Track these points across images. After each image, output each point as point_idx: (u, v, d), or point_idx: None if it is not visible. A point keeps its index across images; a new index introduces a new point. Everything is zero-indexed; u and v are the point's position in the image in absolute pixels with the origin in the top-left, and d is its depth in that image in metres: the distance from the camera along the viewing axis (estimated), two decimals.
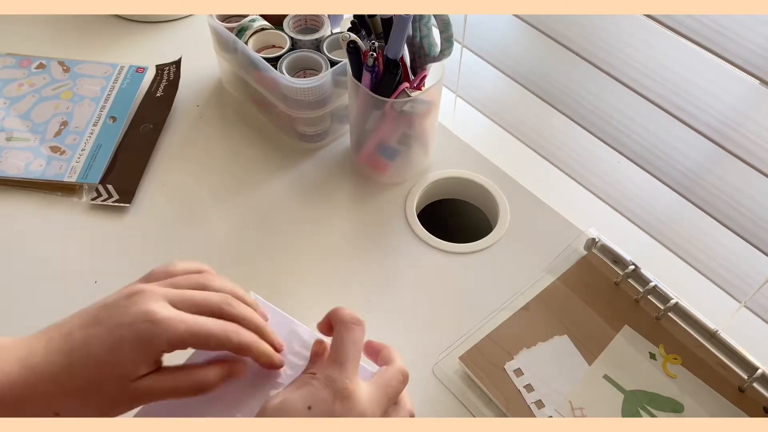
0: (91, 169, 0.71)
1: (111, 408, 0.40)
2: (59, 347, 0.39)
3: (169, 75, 0.80)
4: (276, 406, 0.39)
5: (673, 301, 0.59)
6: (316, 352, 0.45)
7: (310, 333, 0.47)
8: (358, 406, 0.39)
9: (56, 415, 0.38)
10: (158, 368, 0.40)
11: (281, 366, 0.44)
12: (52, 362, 0.38)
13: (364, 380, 0.41)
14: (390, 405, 0.42)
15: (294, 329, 0.47)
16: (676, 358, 0.58)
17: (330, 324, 0.44)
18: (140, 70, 0.81)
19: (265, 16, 0.74)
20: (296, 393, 0.40)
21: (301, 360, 0.46)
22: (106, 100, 0.78)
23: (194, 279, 0.43)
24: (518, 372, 0.57)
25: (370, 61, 0.61)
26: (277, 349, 0.44)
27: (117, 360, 0.38)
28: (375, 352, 0.46)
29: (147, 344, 0.38)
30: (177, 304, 0.41)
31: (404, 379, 0.43)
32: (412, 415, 0.43)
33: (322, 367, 0.41)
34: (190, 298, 0.41)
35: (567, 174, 0.72)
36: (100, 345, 0.38)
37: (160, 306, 0.39)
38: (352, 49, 0.62)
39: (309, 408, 0.38)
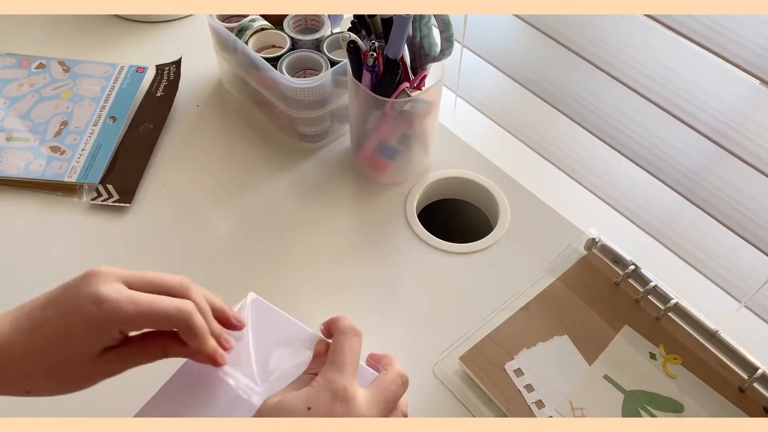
0: (91, 169, 0.71)
1: (78, 384, 0.41)
2: (22, 327, 0.40)
3: (169, 75, 0.80)
4: (274, 405, 0.39)
5: (673, 301, 0.59)
6: (318, 353, 0.45)
7: (312, 335, 0.47)
8: (356, 408, 0.39)
9: (27, 393, 0.40)
10: (124, 340, 0.41)
11: (223, 364, 0.44)
12: (16, 341, 0.39)
13: (362, 385, 0.41)
14: (389, 408, 0.42)
15: (294, 331, 0.47)
16: (676, 358, 0.58)
17: (329, 332, 0.44)
18: (140, 70, 0.81)
19: (265, 16, 0.74)
20: (296, 393, 0.40)
21: (301, 361, 0.46)
22: (106, 100, 0.78)
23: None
24: (518, 372, 0.57)
25: (370, 61, 0.61)
26: (226, 349, 0.44)
27: (72, 342, 0.39)
28: (376, 361, 0.46)
29: (97, 327, 0.39)
30: (132, 284, 0.41)
31: (403, 383, 0.43)
32: (405, 417, 0.44)
33: (323, 369, 0.41)
34: (147, 277, 0.42)
35: (567, 174, 0.72)
36: (55, 328, 0.39)
37: (110, 288, 0.40)
38: (352, 49, 0.62)
39: (309, 409, 0.38)
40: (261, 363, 0.46)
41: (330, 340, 0.44)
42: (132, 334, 0.42)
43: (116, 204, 0.69)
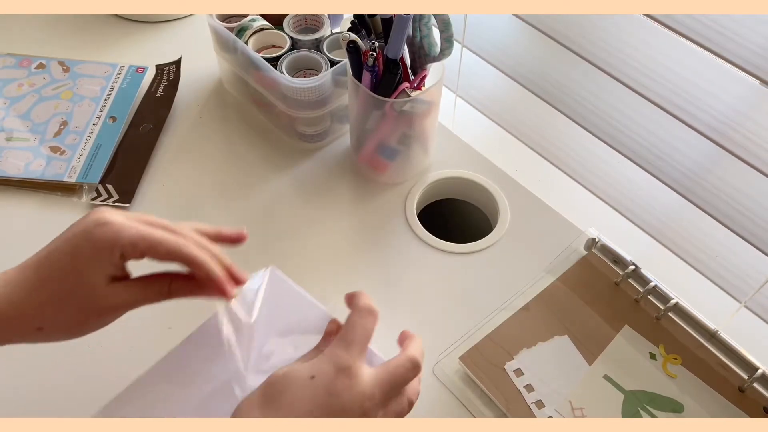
0: (91, 169, 0.71)
1: (87, 319, 0.42)
2: (28, 264, 0.42)
3: (169, 75, 0.80)
4: (283, 372, 0.40)
5: (673, 301, 0.59)
6: (330, 332, 0.46)
7: (325, 313, 0.48)
8: (358, 386, 0.40)
9: (40, 329, 0.41)
10: (126, 279, 0.43)
11: (232, 296, 0.44)
12: (25, 278, 0.41)
13: (370, 365, 0.42)
14: (394, 393, 0.42)
15: (309, 308, 0.48)
16: (676, 358, 0.58)
17: (350, 305, 0.45)
18: (140, 70, 0.81)
19: (265, 16, 0.74)
20: (303, 364, 0.41)
21: (314, 336, 0.46)
22: (106, 100, 0.78)
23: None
24: (518, 372, 0.57)
25: (370, 61, 0.61)
26: (238, 281, 0.45)
27: (77, 266, 0.41)
28: (403, 339, 0.46)
29: (101, 246, 0.41)
30: (132, 219, 0.43)
31: (413, 366, 0.42)
32: (410, 404, 0.43)
33: (332, 343, 0.42)
34: (146, 217, 0.44)
35: (567, 174, 0.72)
36: (60, 255, 0.42)
37: (112, 214, 0.42)
38: (352, 49, 0.62)
39: (312, 377, 0.40)
40: (266, 341, 0.46)
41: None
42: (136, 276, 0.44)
43: (116, 204, 0.69)
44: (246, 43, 0.71)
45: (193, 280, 0.44)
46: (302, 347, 0.46)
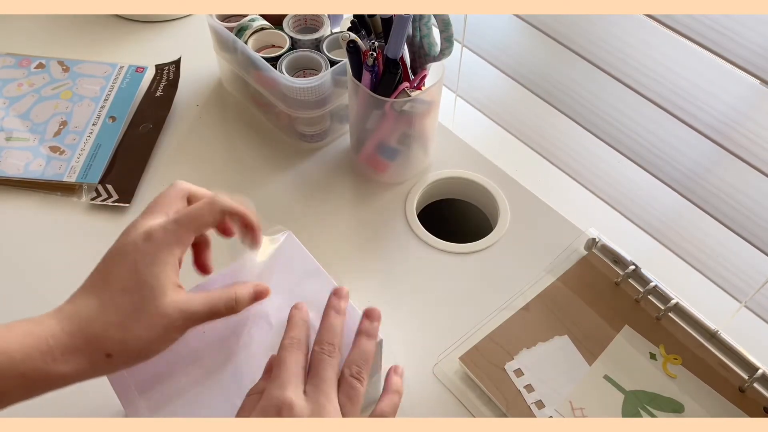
0: (91, 169, 0.71)
1: (154, 333, 0.40)
2: (84, 293, 0.40)
3: (168, 75, 0.80)
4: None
5: (673, 301, 0.59)
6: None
7: (332, 283, 0.50)
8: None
9: (109, 356, 0.39)
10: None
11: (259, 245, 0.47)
12: (84, 305, 0.39)
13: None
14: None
15: (317, 275, 0.51)
16: (676, 358, 0.58)
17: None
18: (140, 70, 0.81)
19: (264, 16, 0.74)
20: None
21: (317, 301, 0.48)
22: (106, 100, 0.78)
23: None
24: (518, 372, 0.57)
25: (370, 61, 0.61)
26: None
27: (138, 278, 0.39)
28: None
29: (156, 250, 0.40)
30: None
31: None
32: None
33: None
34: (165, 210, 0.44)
35: (567, 174, 0.72)
36: (119, 271, 0.40)
37: (152, 221, 0.42)
38: (352, 49, 0.62)
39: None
40: (271, 299, 0.48)
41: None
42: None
43: (116, 204, 0.69)
44: (246, 42, 0.71)
45: (252, 284, 0.45)
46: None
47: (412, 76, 0.64)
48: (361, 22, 0.65)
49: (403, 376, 0.47)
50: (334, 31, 0.73)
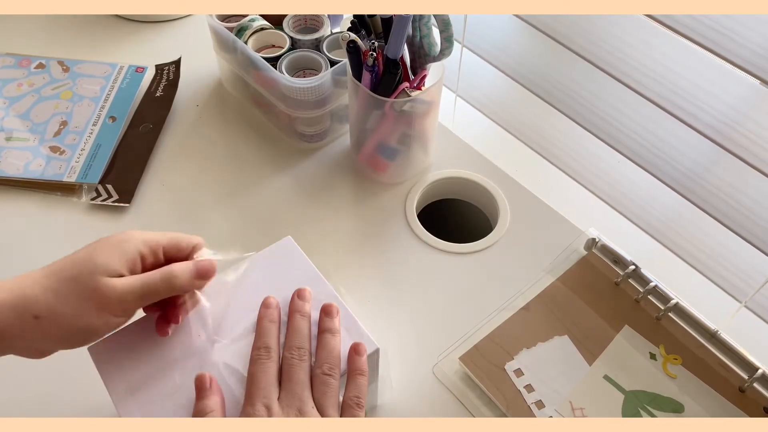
0: (91, 169, 0.71)
1: (86, 307, 0.42)
2: (36, 271, 0.44)
3: (168, 75, 0.80)
4: None
5: (673, 301, 0.59)
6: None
7: (330, 289, 0.50)
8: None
9: (36, 318, 0.41)
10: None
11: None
12: (31, 276, 0.43)
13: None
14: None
15: (315, 280, 0.51)
16: (676, 359, 0.58)
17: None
18: (140, 70, 0.81)
19: (264, 16, 0.74)
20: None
21: (313, 308, 0.48)
22: (106, 100, 0.78)
23: None
24: (518, 372, 0.57)
25: (370, 61, 0.61)
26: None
27: (91, 258, 0.42)
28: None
29: (120, 243, 0.44)
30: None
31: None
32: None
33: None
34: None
35: (567, 174, 0.72)
36: (77, 254, 0.44)
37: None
38: (352, 49, 0.62)
39: None
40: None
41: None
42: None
43: (116, 204, 0.69)
44: (246, 43, 0.71)
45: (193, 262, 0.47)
46: None
47: (412, 76, 0.64)
48: (361, 22, 0.65)
49: (365, 354, 0.46)
50: (334, 31, 0.73)
